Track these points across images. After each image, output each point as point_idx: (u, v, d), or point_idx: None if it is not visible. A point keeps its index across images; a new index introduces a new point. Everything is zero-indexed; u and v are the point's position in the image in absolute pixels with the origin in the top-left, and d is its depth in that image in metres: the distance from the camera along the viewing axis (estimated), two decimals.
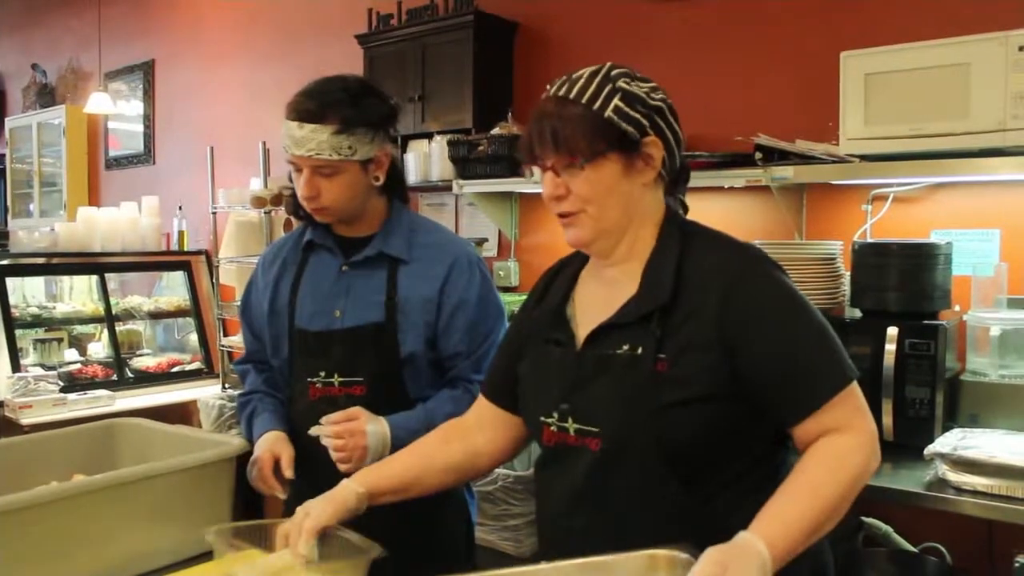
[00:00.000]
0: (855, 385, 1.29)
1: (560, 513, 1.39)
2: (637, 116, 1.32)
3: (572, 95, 1.32)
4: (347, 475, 1.65)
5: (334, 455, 1.69)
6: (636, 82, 1.35)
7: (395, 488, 1.51)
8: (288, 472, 1.76)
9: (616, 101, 1.31)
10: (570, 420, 1.35)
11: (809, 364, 1.28)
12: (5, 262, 4.71)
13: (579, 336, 1.39)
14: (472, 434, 1.57)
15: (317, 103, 1.74)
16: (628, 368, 1.30)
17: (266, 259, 2.02)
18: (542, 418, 1.39)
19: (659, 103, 1.35)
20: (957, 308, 2.56)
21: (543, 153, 1.34)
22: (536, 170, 1.38)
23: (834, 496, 1.21)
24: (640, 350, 1.29)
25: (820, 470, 1.23)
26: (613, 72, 1.34)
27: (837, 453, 1.24)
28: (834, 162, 2.60)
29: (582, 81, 1.33)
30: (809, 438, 1.28)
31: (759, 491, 1.24)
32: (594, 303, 1.40)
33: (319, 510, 1.41)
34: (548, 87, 1.39)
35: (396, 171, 1.91)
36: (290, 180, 1.92)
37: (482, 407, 1.58)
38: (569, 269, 1.49)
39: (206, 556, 1.57)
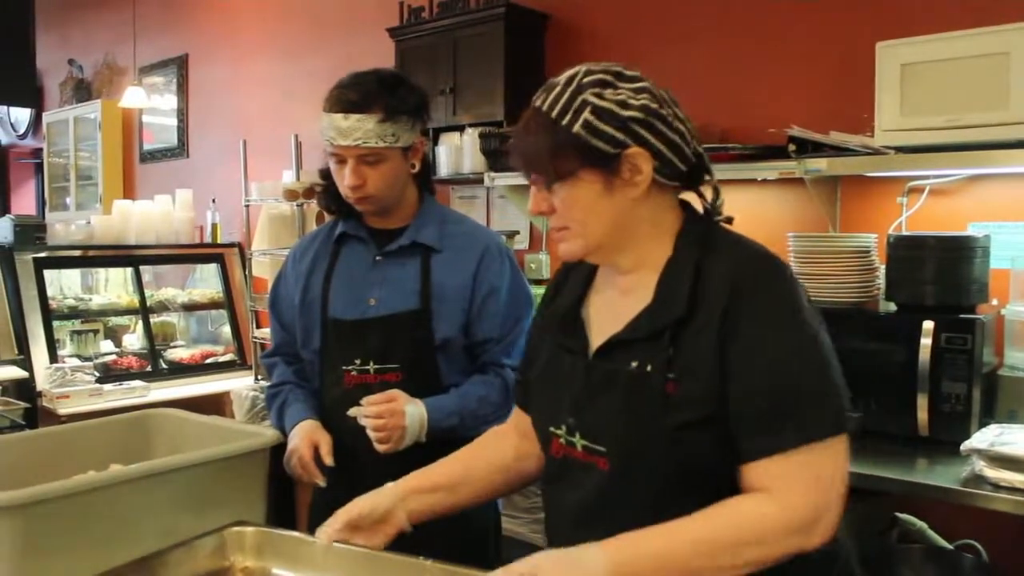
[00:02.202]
0: (827, 444, 1.13)
1: (571, 527, 1.29)
2: (609, 130, 1.20)
3: (545, 107, 1.25)
4: (383, 460, 1.67)
5: (373, 435, 1.72)
6: (613, 88, 1.22)
7: (438, 484, 1.46)
8: (328, 459, 1.78)
9: (586, 115, 1.20)
10: (577, 435, 1.27)
11: (780, 404, 1.15)
12: (43, 254, 4.79)
13: (592, 344, 1.31)
14: (516, 438, 1.51)
15: (360, 93, 1.78)
16: (636, 386, 1.21)
17: (296, 252, 2.05)
18: (551, 428, 1.32)
19: (636, 112, 1.21)
20: (995, 302, 2.52)
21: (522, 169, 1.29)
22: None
23: (706, 549, 1.12)
24: (649, 367, 1.20)
25: (707, 519, 1.14)
26: (585, 80, 1.23)
27: (740, 510, 1.14)
28: (869, 154, 2.56)
29: (556, 91, 1.24)
30: (745, 485, 1.17)
31: None
32: (609, 311, 1.32)
33: (356, 503, 1.41)
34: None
35: (426, 162, 1.95)
36: (321, 177, 1.95)
37: (519, 416, 1.51)
38: (584, 266, 1.39)
39: None
